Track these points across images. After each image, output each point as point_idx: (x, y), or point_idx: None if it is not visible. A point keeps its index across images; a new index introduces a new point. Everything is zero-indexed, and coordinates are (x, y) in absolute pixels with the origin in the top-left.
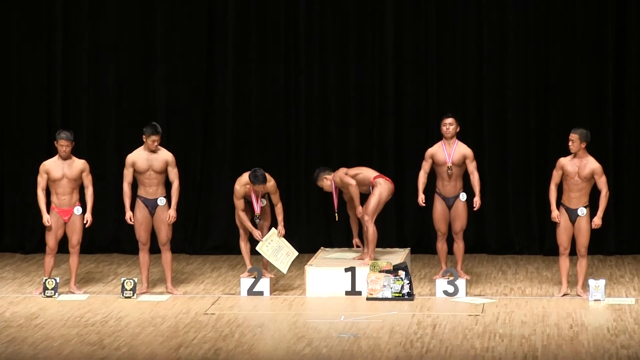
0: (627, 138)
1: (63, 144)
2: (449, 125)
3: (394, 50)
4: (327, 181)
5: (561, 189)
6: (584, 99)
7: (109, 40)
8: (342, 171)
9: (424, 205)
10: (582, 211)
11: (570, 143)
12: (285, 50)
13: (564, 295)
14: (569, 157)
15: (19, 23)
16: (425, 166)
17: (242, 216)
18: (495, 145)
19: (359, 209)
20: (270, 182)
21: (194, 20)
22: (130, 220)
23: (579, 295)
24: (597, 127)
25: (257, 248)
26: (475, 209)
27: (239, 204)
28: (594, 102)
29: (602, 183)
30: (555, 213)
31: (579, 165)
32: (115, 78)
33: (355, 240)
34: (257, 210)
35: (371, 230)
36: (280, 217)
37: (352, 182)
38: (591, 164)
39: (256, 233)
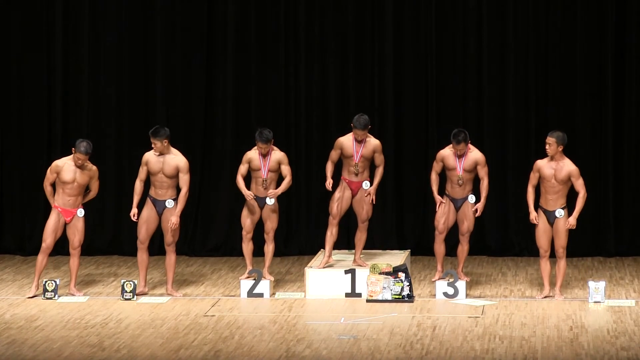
0: (627, 139)
1: (80, 157)
2: (460, 150)
3: (393, 50)
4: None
5: (539, 192)
6: (584, 100)
7: (109, 41)
8: None
9: (445, 203)
10: (560, 213)
11: (547, 146)
12: (285, 51)
13: (545, 297)
14: (545, 160)
15: (19, 23)
16: (437, 167)
17: (238, 179)
18: (496, 146)
19: None
20: (281, 153)
21: (194, 20)
22: (134, 217)
23: (554, 297)
24: (597, 129)
25: None
26: (476, 214)
27: (242, 168)
28: (594, 103)
29: (579, 185)
30: (533, 215)
31: (555, 168)
32: (116, 78)
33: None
34: (264, 175)
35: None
36: (283, 185)
37: None
38: (568, 167)
39: (247, 193)
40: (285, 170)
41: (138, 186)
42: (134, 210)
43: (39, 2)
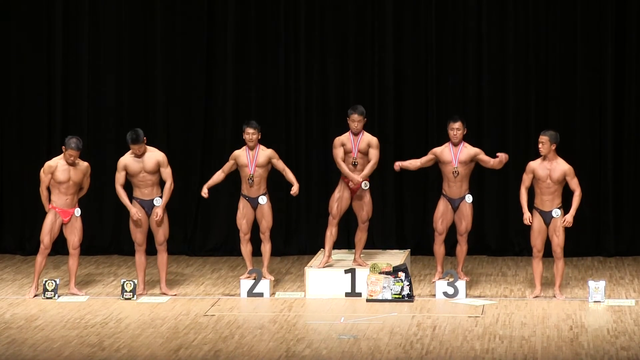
0: (626, 139)
1: (72, 154)
2: (457, 130)
3: (393, 50)
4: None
5: (533, 192)
6: (583, 100)
7: (109, 41)
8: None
9: (398, 169)
10: (557, 212)
11: (540, 145)
12: (285, 51)
13: (535, 297)
14: (538, 161)
15: (19, 23)
16: (425, 157)
17: (219, 172)
18: (495, 146)
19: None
20: (270, 149)
21: (194, 20)
22: (138, 214)
23: (554, 297)
24: (597, 128)
25: None
26: (499, 159)
27: (226, 165)
28: (594, 103)
29: (574, 184)
30: (527, 215)
31: (549, 168)
32: (116, 79)
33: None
34: (251, 171)
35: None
36: (293, 178)
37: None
38: (562, 166)
39: (204, 190)
40: (280, 164)
41: (121, 191)
42: (133, 210)
43: (39, 2)
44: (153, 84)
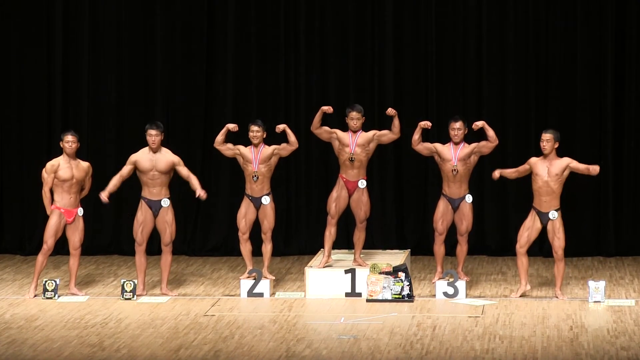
0: (626, 139)
1: (69, 140)
2: (457, 130)
3: (393, 50)
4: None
5: (532, 194)
6: (583, 100)
7: (109, 41)
8: None
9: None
10: (554, 214)
11: (544, 144)
12: (285, 51)
13: (521, 295)
14: (539, 158)
15: (19, 23)
16: (426, 143)
17: (221, 141)
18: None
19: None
20: (272, 147)
21: (194, 20)
22: (108, 196)
23: (556, 297)
24: (597, 129)
25: None
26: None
27: (229, 144)
28: (594, 103)
29: (580, 164)
30: (497, 172)
31: (548, 165)
32: (116, 78)
33: None
34: (255, 168)
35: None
36: (292, 138)
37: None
38: (561, 161)
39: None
40: (284, 144)
41: (118, 176)
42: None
43: (39, 2)
44: (153, 84)
